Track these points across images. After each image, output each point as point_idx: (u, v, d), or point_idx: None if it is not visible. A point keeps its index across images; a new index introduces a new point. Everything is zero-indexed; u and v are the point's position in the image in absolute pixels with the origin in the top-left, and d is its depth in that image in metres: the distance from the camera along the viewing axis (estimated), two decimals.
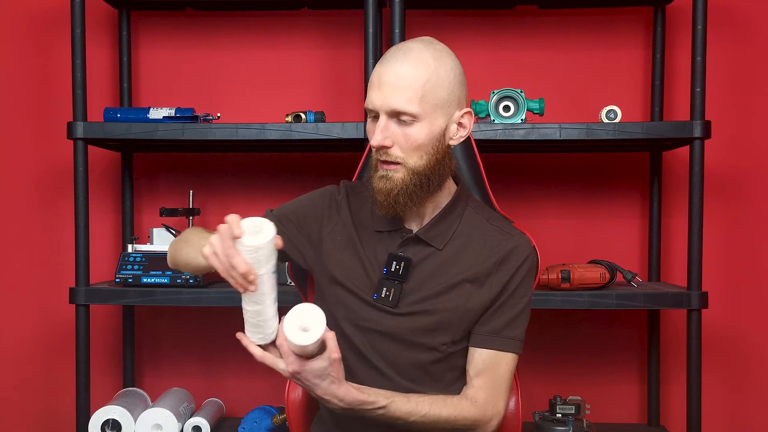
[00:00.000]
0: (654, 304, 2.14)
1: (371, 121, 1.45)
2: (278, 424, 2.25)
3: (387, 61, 1.42)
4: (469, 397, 1.46)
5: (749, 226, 2.48)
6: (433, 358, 1.48)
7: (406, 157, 1.42)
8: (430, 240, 1.49)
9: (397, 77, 1.39)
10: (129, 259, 2.25)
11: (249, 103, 2.53)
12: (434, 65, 1.41)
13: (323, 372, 1.33)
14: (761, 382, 2.50)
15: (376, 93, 1.41)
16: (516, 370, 1.66)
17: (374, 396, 1.39)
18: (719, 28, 2.43)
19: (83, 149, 2.18)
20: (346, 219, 1.54)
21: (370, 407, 1.38)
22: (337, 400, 1.36)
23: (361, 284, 1.49)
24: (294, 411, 1.72)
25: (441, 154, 1.44)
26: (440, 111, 1.42)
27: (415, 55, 1.41)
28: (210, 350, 2.57)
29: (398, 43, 1.57)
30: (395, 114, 1.40)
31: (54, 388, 2.57)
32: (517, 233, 1.51)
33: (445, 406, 1.43)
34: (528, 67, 2.49)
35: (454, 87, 1.43)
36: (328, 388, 1.35)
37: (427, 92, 1.39)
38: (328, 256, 1.52)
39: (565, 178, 2.50)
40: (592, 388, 2.49)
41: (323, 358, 1.33)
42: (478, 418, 1.46)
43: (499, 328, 1.48)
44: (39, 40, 2.55)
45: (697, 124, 2.10)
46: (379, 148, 1.42)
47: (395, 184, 1.42)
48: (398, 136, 1.41)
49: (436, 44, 1.45)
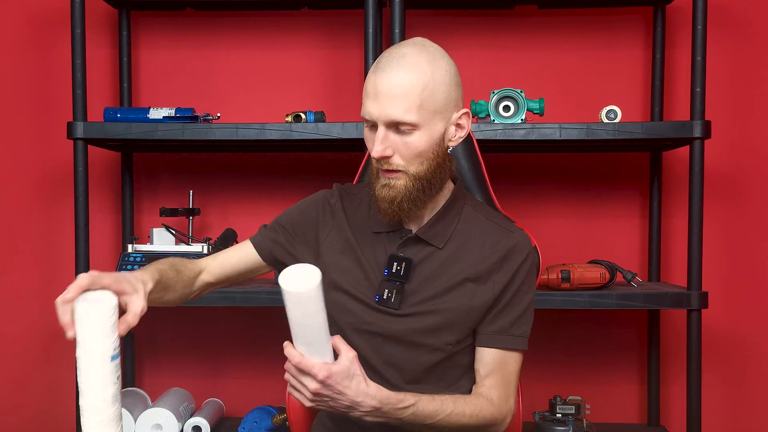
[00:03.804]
0: (654, 304, 2.14)
1: (368, 129, 1.43)
2: (278, 424, 2.25)
3: (381, 70, 1.38)
4: (485, 395, 1.46)
5: (749, 226, 2.48)
6: (438, 359, 1.47)
7: (408, 165, 1.40)
8: (429, 239, 1.48)
9: (392, 86, 1.36)
10: (129, 259, 2.25)
11: (249, 103, 2.53)
12: (430, 70, 1.38)
13: (350, 371, 1.31)
14: (761, 382, 2.50)
15: (373, 103, 1.38)
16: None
17: (402, 395, 1.36)
18: (719, 28, 2.43)
19: (83, 149, 2.18)
20: (341, 222, 1.53)
21: (400, 405, 1.36)
22: (370, 398, 1.33)
23: (362, 288, 1.48)
24: (294, 411, 1.72)
25: (441, 157, 1.43)
26: (439, 116, 1.40)
27: (409, 61, 1.37)
28: (210, 350, 2.57)
29: (393, 45, 1.56)
30: (394, 124, 1.38)
31: (54, 388, 2.57)
32: (516, 230, 1.51)
33: (467, 404, 1.42)
34: (528, 67, 2.49)
35: (450, 89, 1.41)
36: (359, 387, 1.32)
37: (425, 99, 1.37)
38: (327, 261, 1.51)
39: (565, 178, 2.51)
40: (592, 388, 2.49)
41: (344, 358, 1.31)
42: (496, 416, 1.46)
43: (506, 326, 1.47)
44: (39, 40, 2.55)
45: (697, 124, 2.10)
46: (379, 159, 1.41)
47: (398, 191, 1.41)
48: (398, 145, 1.39)
49: (429, 46, 1.42)
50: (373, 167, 1.44)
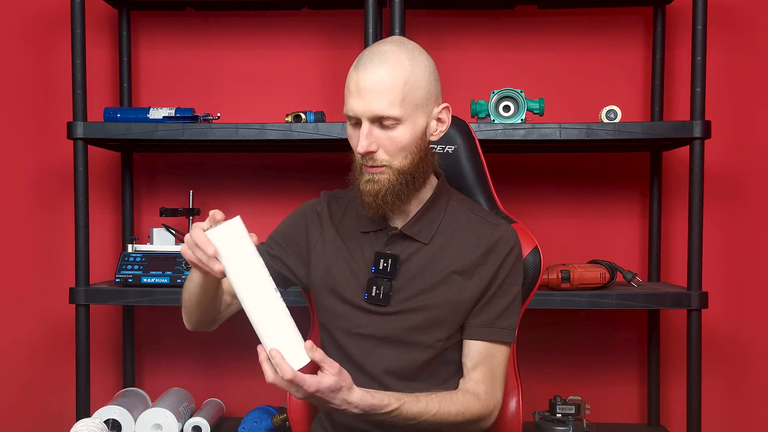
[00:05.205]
0: (654, 304, 2.14)
1: (352, 127, 1.46)
2: (278, 424, 2.25)
3: (363, 67, 1.41)
4: (471, 391, 1.47)
5: (749, 226, 2.48)
6: (429, 356, 1.48)
7: (392, 159, 1.43)
8: (414, 235, 1.49)
9: (375, 82, 1.39)
10: (129, 259, 2.25)
11: (249, 103, 2.53)
12: (410, 66, 1.41)
13: (336, 386, 1.33)
14: (761, 382, 2.50)
15: (356, 100, 1.41)
16: (516, 370, 1.67)
17: (386, 399, 1.38)
18: (719, 28, 2.43)
19: (83, 149, 2.18)
20: (329, 228, 1.55)
21: (383, 410, 1.38)
22: (353, 407, 1.35)
23: (351, 290, 1.50)
24: (295, 411, 1.72)
25: (424, 151, 1.46)
26: (420, 110, 1.43)
27: (390, 57, 1.41)
28: (210, 350, 2.57)
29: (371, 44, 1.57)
30: (378, 119, 1.41)
31: (54, 388, 2.57)
32: (501, 223, 1.52)
33: (453, 402, 1.44)
34: (528, 67, 2.49)
35: (430, 84, 1.44)
36: (343, 398, 1.34)
37: (407, 93, 1.40)
38: (317, 268, 1.53)
39: (565, 178, 2.51)
40: (592, 388, 2.49)
41: (328, 373, 1.32)
42: (483, 411, 1.46)
43: (492, 318, 1.48)
44: (39, 40, 2.55)
45: (697, 124, 2.10)
46: (365, 154, 1.43)
47: (382, 185, 1.43)
48: (382, 139, 1.42)
49: (408, 43, 1.45)
50: (357, 163, 1.47)
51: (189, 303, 1.51)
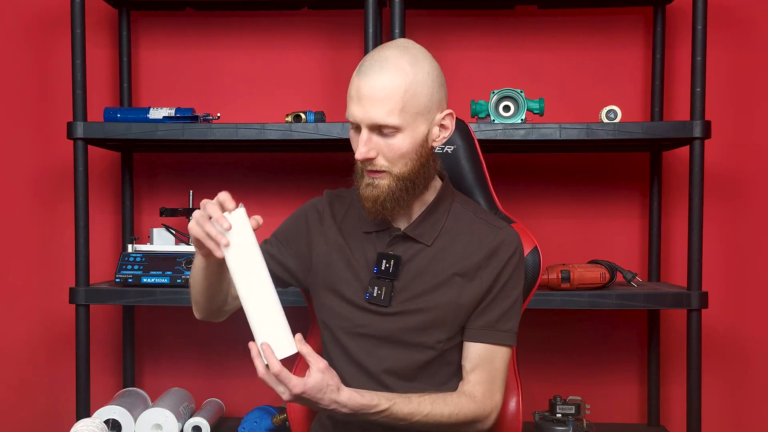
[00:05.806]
0: (654, 304, 2.14)
1: (353, 131, 1.46)
2: (278, 424, 2.25)
3: (364, 73, 1.41)
4: (467, 393, 1.47)
5: (749, 226, 2.48)
6: (430, 357, 1.48)
7: (391, 166, 1.43)
8: (417, 236, 1.49)
9: (375, 90, 1.38)
10: (129, 259, 2.25)
11: (249, 103, 2.53)
12: (412, 72, 1.39)
13: (323, 384, 1.33)
14: (761, 383, 2.50)
15: (356, 106, 1.41)
16: (516, 370, 1.67)
17: (376, 399, 1.39)
18: (719, 28, 2.43)
19: (83, 149, 2.18)
20: (331, 227, 1.55)
21: (373, 410, 1.38)
22: (341, 407, 1.36)
23: (353, 289, 1.50)
24: (295, 411, 1.72)
25: (425, 158, 1.45)
26: (421, 118, 1.42)
27: (391, 64, 1.39)
28: (210, 350, 2.57)
29: (375, 47, 1.57)
30: (376, 127, 1.40)
31: (54, 388, 2.57)
32: (504, 226, 1.52)
33: (446, 404, 1.44)
34: (528, 67, 2.49)
35: (433, 91, 1.43)
36: (331, 397, 1.35)
37: (407, 101, 1.39)
38: (318, 267, 1.53)
39: (565, 178, 2.51)
40: (592, 388, 2.49)
41: (315, 371, 1.33)
42: (478, 413, 1.46)
43: (492, 321, 1.48)
44: (39, 40, 2.55)
45: (697, 124, 2.10)
46: (364, 160, 1.43)
47: (382, 191, 1.43)
48: (382, 146, 1.42)
49: (412, 48, 1.44)
50: (358, 167, 1.47)
51: (194, 290, 1.52)
